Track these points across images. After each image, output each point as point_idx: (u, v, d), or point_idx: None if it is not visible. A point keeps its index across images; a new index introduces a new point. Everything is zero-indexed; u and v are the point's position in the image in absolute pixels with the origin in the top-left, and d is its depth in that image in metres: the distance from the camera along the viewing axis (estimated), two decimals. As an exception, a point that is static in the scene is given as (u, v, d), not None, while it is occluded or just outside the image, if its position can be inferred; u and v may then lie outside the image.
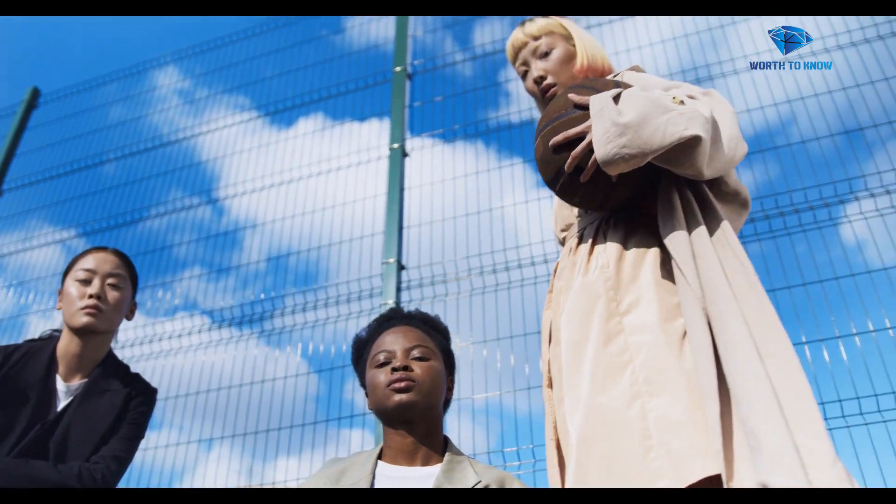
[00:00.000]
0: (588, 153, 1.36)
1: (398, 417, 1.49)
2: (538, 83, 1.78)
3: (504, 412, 2.94)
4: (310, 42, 4.50)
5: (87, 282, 1.87)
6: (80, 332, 1.84)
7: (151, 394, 1.94)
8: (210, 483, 3.23)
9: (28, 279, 4.47)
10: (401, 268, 3.32)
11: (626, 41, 3.64)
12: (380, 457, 1.52)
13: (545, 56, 1.78)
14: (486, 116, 3.70)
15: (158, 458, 3.43)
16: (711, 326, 1.23)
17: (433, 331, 1.67)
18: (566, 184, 1.43)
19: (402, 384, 1.47)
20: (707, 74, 3.39)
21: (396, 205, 3.47)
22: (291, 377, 3.39)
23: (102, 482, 1.68)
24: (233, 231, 4.08)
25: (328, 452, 3.10)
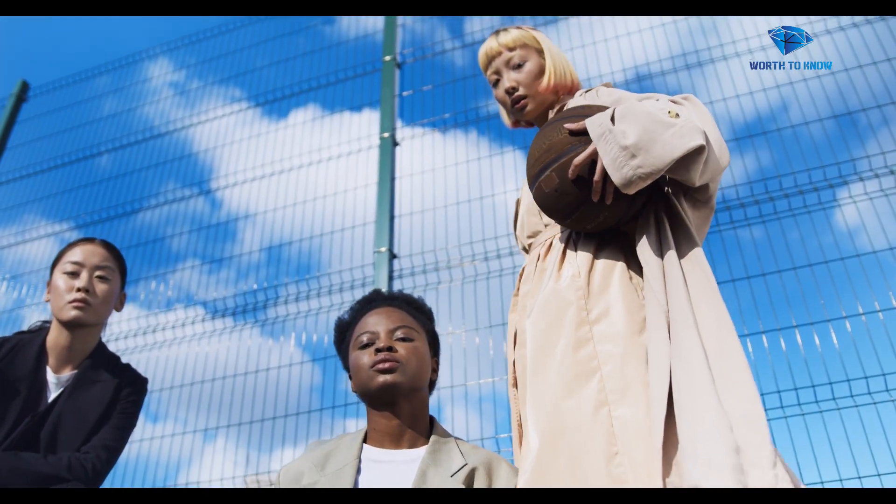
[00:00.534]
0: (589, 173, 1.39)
1: (382, 399, 1.46)
2: (510, 94, 1.84)
3: (498, 399, 2.97)
4: (300, 32, 4.50)
5: (75, 274, 1.87)
6: (69, 325, 1.85)
7: (142, 383, 1.94)
8: (211, 473, 3.26)
9: (22, 272, 4.48)
10: (392, 256, 3.33)
11: (617, 28, 3.63)
12: (365, 439, 1.49)
13: (518, 68, 1.83)
14: (477, 105, 3.70)
15: (156, 449, 3.46)
16: (670, 337, 1.30)
17: (417, 312, 1.63)
18: (586, 211, 1.44)
19: (386, 365, 1.44)
20: (696, 61, 3.39)
21: (387, 194, 3.47)
22: (286, 366, 3.41)
23: (93, 472, 1.69)
24: (225, 222, 4.09)
25: (325, 441, 3.11)
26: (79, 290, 1.84)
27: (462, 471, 1.37)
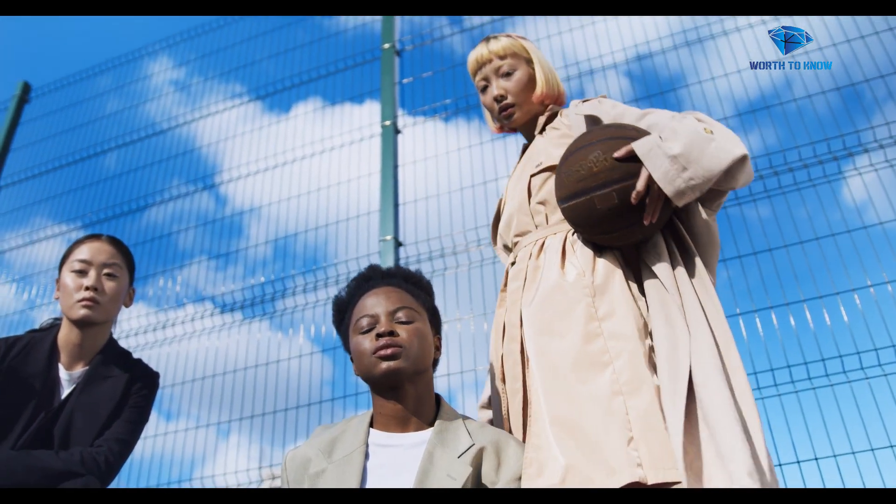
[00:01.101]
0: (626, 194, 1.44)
1: (387, 384, 1.44)
2: (498, 101, 1.88)
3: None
4: (298, 23, 4.48)
5: (83, 273, 1.88)
6: (79, 324, 1.86)
7: (153, 378, 1.95)
8: (226, 466, 3.28)
9: (32, 273, 4.51)
10: (398, 244, 3.34)
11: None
12: (372, 423, 1.48)
13: (507, 76, 1.88)
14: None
15: (170, 445, 3.49)
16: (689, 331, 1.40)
17: (416, 288, 1.58)
18: (628, 231, 1.49)
19: (389, 351, 1.41)
20: (696, 37, 3.36)
21: (391, 182, 3.47)
22: (296, 358, 3.42)
23: (106, 465, 1.71)
24: (230, 216, 4.10)
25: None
26: (87, 289, 1.85)
27: (469, 451, 1.36)
